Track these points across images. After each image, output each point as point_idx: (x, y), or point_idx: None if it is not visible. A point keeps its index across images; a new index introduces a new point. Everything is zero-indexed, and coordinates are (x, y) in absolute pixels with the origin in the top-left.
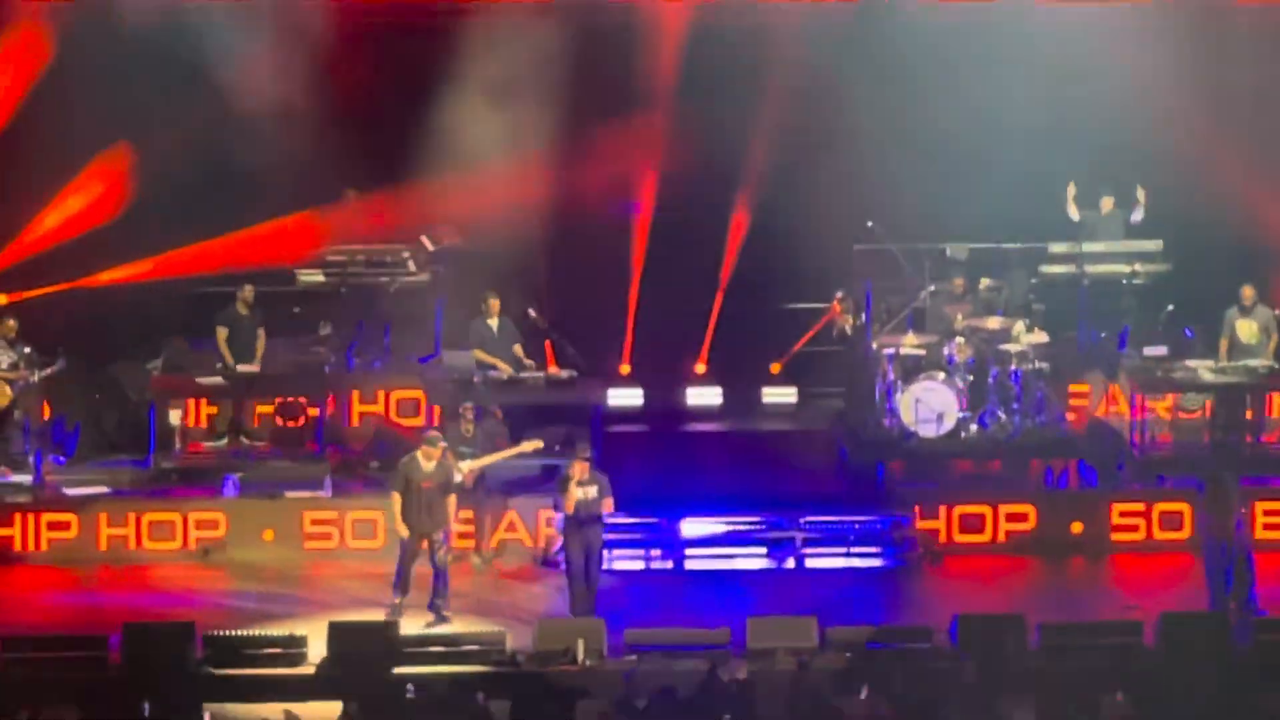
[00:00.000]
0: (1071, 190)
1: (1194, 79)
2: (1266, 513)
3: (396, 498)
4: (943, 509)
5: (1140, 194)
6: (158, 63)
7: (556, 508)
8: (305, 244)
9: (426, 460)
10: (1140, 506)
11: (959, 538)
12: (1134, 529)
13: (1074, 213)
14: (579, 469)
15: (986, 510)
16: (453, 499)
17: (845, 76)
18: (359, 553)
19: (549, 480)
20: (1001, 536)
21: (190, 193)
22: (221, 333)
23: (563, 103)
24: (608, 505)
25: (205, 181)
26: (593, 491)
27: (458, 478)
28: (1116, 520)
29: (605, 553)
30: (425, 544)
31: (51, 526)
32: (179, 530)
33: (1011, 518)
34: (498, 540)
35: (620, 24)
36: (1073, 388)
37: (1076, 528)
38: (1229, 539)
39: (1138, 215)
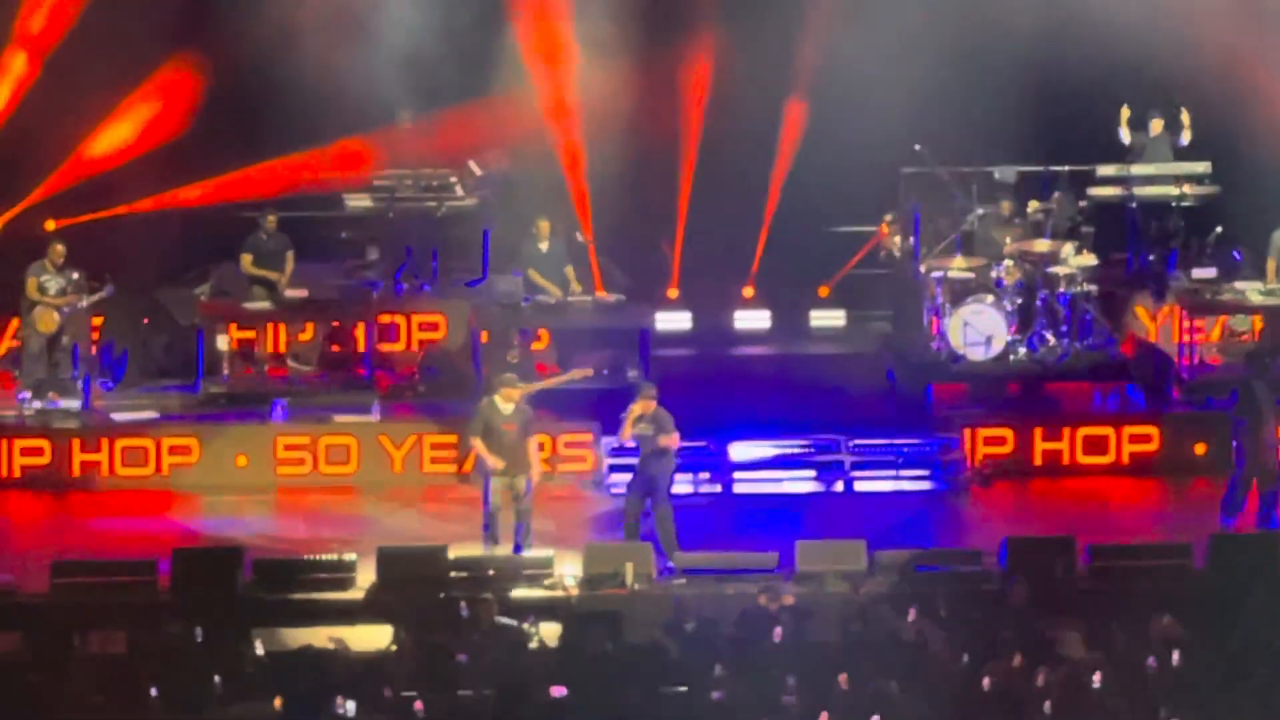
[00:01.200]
0: (1125, 113)
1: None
2: None
3: (478, 442)
4: (1066, 430)
5: (1185, 117)
6: None
7: (602, 432)
8: (354, 170)
9: (505, 403)
10: None
11: (1081, 459)
12: None
13: (1126, 135)
14: (640, 406)
15: (1110, 431)
16: (534, 441)
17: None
18: (331, 478)
19: (598, 404)
20: (1125, 459)
21: (244, 116)
22: (246, 259)
23: (613, 24)
24: (667, 441)
25: (259, 104)
26: (651, 428)
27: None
28: None
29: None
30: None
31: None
32: (151, 457)
33: (1135, 439)
34: (545, 464)
35: None
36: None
37: (1199, 449)
38: (1259, 450)
39: (1184, 138)
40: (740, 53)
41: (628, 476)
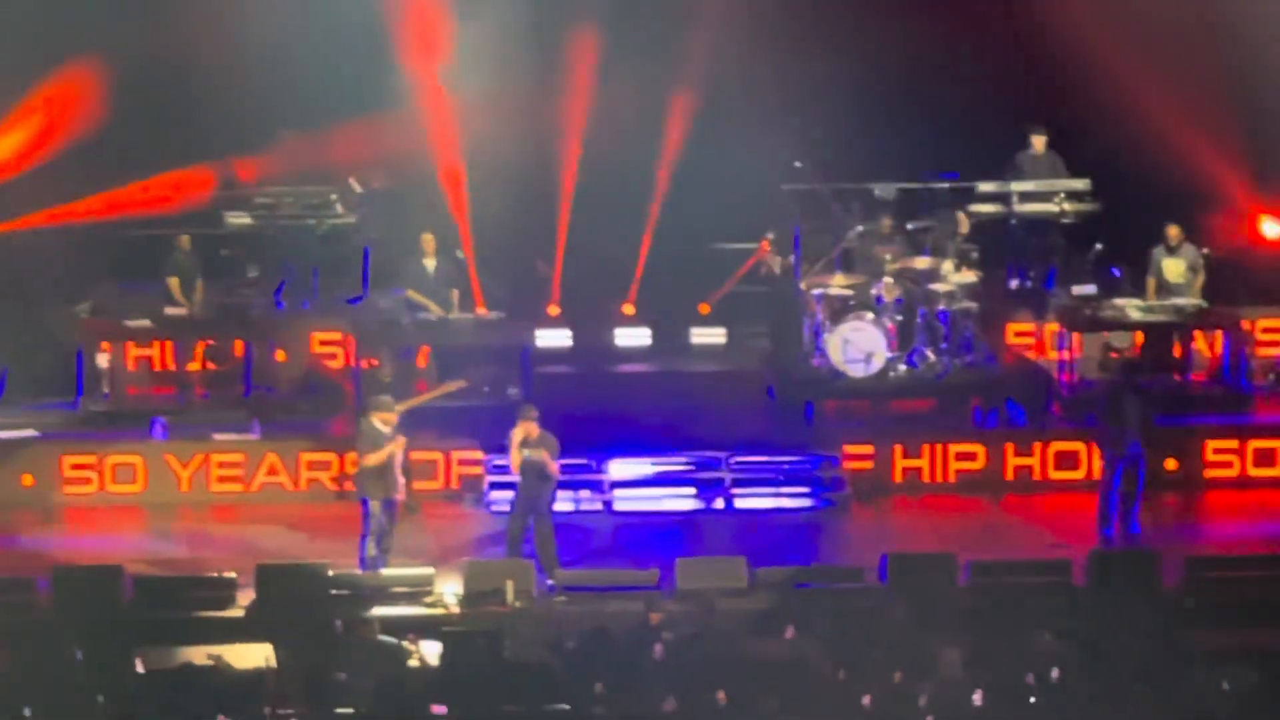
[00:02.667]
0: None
1: (1121, 16)
2: (1216, 451)
3: (370, 465)
4: (1037, 446)
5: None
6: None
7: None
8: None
9: (384, 426)
10: (1234, 444)
11: (1054, 474)
12: (1228, 465)
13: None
14: (523, 429)
15: (1081, 447)
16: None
17: (771, 15)
18: (118, 497)
19: (480, 422)
20: (1096, 473)
21: (125, 133)
22: (174, 282)
23: (495, 45)
24: (552, 467)
25: (141, 121)
26: (539, 453)
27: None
28: (1210, 457)
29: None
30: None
31: None
32: None
33: None
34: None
35: None
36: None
37: (1171, 464)
38: (1122, 456)
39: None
40: (621, 70)
41: (508, 494)
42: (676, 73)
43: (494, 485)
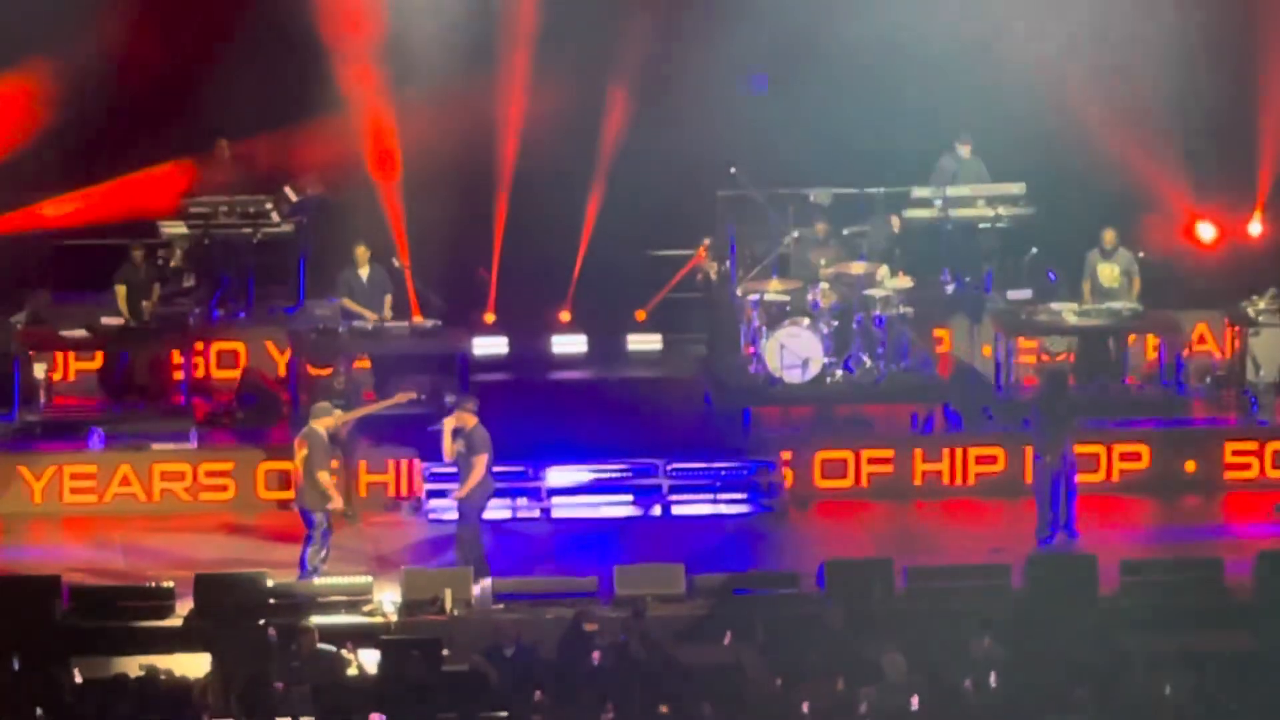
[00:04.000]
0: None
1: (1057, 21)
2: (1235, 453)
3: (326, 477)
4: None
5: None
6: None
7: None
8: (169, 194)
9: (327, 433)
10: (1254, 445)
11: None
12: (1247, 467)
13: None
14: (456, 419)
15: (1100, 449)
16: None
17: (703, 19)
18: None
19: (416, 430)
20: (1115, 476)
21: (60, 141)
22: (121, 290)
23: (429, 51)
24: (477, 463)
25: (72, 131)
26: (461, 446)
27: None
28: (1230, 459)
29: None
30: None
31: None
32: None
33: (1125, 456)
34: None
35: None
36: (937, 332)
37: (1190, 466)
38: (1056, 464)
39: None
40: (556, 76)
41: (446, 502)
42: (612, 78)
43: (431, 494)
